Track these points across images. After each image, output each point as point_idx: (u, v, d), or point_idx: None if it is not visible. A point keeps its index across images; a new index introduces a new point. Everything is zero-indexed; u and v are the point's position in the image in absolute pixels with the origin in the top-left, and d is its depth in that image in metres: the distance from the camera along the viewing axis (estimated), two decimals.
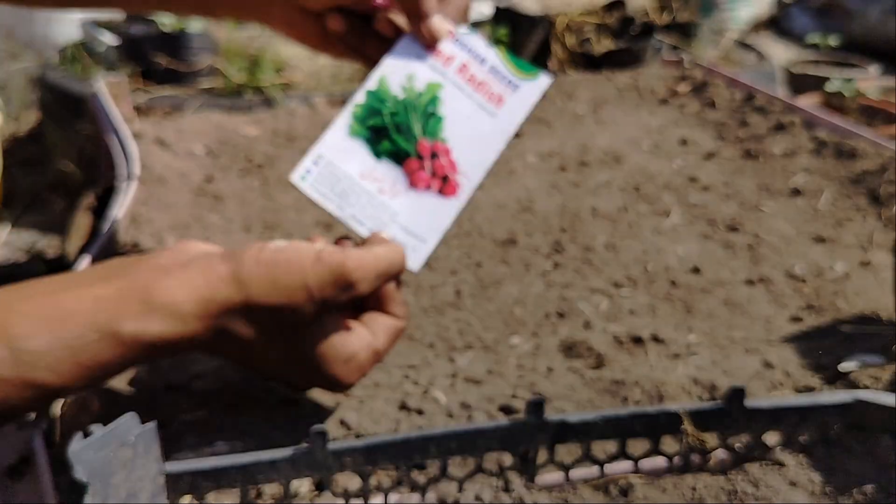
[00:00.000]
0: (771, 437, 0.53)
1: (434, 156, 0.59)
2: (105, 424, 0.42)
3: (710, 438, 0.52)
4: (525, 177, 1.07)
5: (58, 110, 2.05)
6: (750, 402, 0.52)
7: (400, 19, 0.63)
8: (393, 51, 0.61)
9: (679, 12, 2.44)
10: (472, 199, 1.01)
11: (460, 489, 0.51)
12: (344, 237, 0.58)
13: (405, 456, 0.49)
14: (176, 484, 0.46)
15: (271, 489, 0.51)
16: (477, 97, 0.60)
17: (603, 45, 2.17)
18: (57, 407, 0.57)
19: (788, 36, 3.39)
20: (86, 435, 0.41)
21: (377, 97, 0.59)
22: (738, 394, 0.51)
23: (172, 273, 0.48)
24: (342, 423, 0.59)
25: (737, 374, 0.66)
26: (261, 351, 0.51)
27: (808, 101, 1.72)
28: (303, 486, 0.51)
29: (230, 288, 0.48)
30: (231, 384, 0.65)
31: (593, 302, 0.78)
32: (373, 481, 0.51)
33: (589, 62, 2.12)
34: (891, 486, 0.50)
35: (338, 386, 0.55)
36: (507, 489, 0.51)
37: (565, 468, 0.52)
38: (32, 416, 0.54)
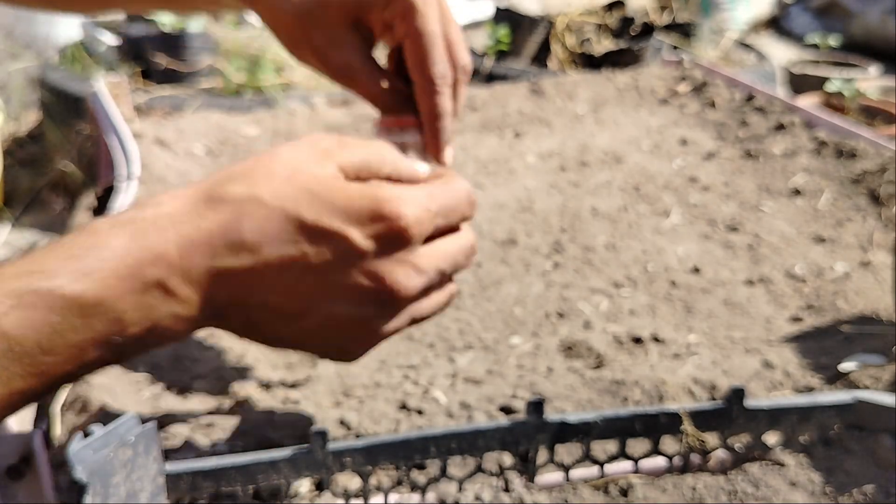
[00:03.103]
0: (771, 437, 0.53)
1: None
2: (105, 424, 0.42)
3: (710, 438, 0.52)
4: (525, 177, 1.07)
5: (58, 110, 2.05)
6: (750, 402, 0.52)
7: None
8: None
9: (679, 12, 2.44)
10: None
11: (460, 489, 0.51)
12: None
13: (405, 456, 0.49)
14: (176, 484, 0.46)
15: (271, 489, 0.51)
16: None
17: (603, 45, 2.17)
18: (57, 407, 0.57)
19: (788, 36, 3.39)
20: (86, 435, 0.41)
21: None
22: (738, 394, 0.51)
23: None
24: (342, 423, 0.59)
25: (737, 374, 0.65)
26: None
27: (808, 101, 1.73)
28: (303, 486, 0.51)
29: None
30: (231, 384, 0.65)
31: (593, 302, 0.78)
32: (373, 481, 0.51)
33: (589, 62, 2.13)
34: (891, 486, 0.50)
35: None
36: (507, 489, 0.51)
37: (565, 468, 0.52)
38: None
